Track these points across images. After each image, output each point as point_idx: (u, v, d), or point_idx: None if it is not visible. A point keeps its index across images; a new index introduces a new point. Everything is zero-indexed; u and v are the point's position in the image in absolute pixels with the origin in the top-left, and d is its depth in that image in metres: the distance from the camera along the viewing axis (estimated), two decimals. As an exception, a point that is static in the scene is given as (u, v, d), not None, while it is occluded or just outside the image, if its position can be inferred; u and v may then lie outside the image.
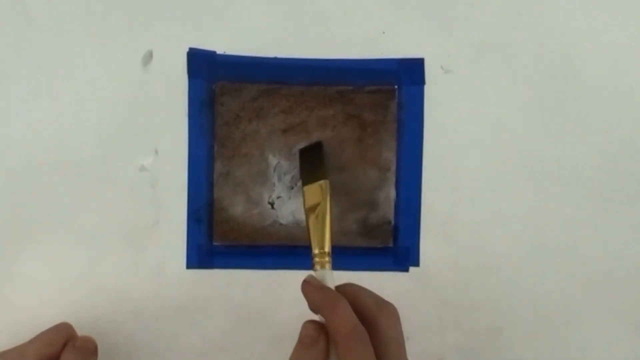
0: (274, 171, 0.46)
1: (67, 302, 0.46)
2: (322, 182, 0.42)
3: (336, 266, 0.46)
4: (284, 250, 0.46)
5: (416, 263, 0.46)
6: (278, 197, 0.46)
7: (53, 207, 0.46)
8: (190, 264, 0.46)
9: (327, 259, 0.39)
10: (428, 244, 0.47)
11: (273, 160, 0.46)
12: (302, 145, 0.46)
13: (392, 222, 0.47)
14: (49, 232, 0.46)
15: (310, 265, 0.40)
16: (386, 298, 0.46)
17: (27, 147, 0.46)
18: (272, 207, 0.46)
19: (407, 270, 0.47)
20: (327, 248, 0.40)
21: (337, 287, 0.39)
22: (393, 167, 0.47)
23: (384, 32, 0.47)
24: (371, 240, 0.47)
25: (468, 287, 0.47)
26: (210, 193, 0.46)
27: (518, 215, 0.47)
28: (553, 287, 0.47)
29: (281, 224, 0.46)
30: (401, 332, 0.37)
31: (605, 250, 0.47)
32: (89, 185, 0.46)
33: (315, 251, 0.40)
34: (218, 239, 0.46)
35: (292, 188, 0.46)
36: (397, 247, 0.47)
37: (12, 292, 0.46)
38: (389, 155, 0.47)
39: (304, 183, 0.43)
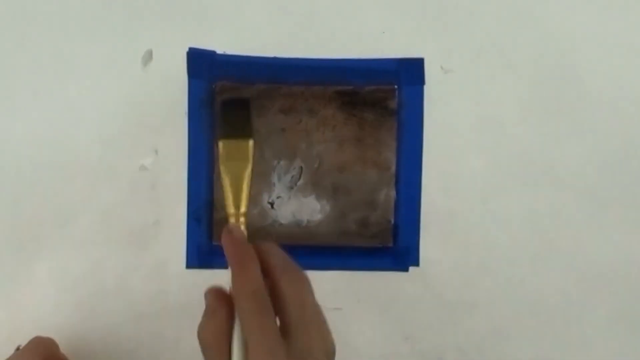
0: (274, 171, 0.46)
1: (68, 301, 0.46)
2: (249, 140, 0.38)
3: (336, 266, 0.46)
4: (284, 250, 0.46)
5: (416, 263, 0.46)
6: (278, 197, 0.46)
7: (53, 207, 0.46)
8: (190, 264, 0.46)
9: (242, 219, 0.37)
10: (428, 244, 0.47)
11: (273, 160, 0.46)
12: (227, 98, 0.44)
13: (392, 221, 0.47)
14: (49, 232, 0.46)
15: (308, 265, 0.40)
16: (386, 298, 0.47)
17: (27, 147, 0.46)
18: (272, 207, 0.46)
19: (407, 270, 0.47)
20: (243, 208, 0.37)
21: (253, 245, 0.36)
22: (393, 167, 0.47)
23: (383, 32, 0.47)
24: (371, 240, 0.47)
25: (468, 287, 0.47)
26: (210, 192, 0.46)
27: (518, 215, 0.47)
28: (553, 287, 0.47)
29: (281, 224, 0.46)
30: (308, 298, 0.34)
31: (605, 250, 0.47)
32: (89, 185, 0.46)
33: (231, 210, 0.37)
34: (218, 238, 0.46)
35: (292, 188, 0.46)
36: (397, 247, 0.47)
37: (12, 292, 0.46)
38: (389, 155, 0.47)
39: (223, 137, 0.38)
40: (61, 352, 0.43)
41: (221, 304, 0.34)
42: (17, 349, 0.42)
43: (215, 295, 0.35)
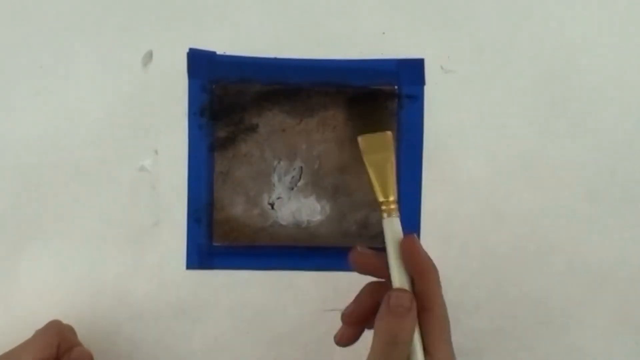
0: (274, 171, 0.46)
1: (68, 302, 0.46)
2: (387, 132, 0.42)
3: (336, 267, 0.46)
4: (284, 251, 0.46)
5: (416, 263, 0.46)
6: (278, 198, 0.46)
7: (53, 207, 0.46)
8: (190, 265, 0.46)
9: (393, 206, 0.40)
10: (428, 244, 0.47)
11: (273, 161, 0.46)
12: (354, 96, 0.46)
13: (392, 222, 0.47)
14: (49, 233, 0.46)
15: (308, 266, 0.40)
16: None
17: (28, 148, 0.46)
18: (272, 208, 0.46)
19: (407, 270, 0.47)
20: (392, 197, 0.40)
21: (402, 242, 0.39)
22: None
23: (384, 33, 0.46)
24: (371, 241, 0.47)
25: (468, 288, 0.47)
26: (210, 193, 0.46)
27: (518, 215, 0.47)
28: (553, 287, 0.47)
29: (281, 225, 0.46)
30: None
31: (605, 250, 0.47)
32: (89, 186, 0.46)
33: (381, 199, 0.40)
34: (218, 239, 0.46)
35: (292, 189, 0.46)
36: (397, 247, 0.47)
37: (12, 293, 0.46)
38: (389, 156, 0.47)
39: (362, 132, 0.43)
40: (79, 340, 0.43)
41: (414, 305, 0.36)
42: None
43: (410, 296, 0.36)
